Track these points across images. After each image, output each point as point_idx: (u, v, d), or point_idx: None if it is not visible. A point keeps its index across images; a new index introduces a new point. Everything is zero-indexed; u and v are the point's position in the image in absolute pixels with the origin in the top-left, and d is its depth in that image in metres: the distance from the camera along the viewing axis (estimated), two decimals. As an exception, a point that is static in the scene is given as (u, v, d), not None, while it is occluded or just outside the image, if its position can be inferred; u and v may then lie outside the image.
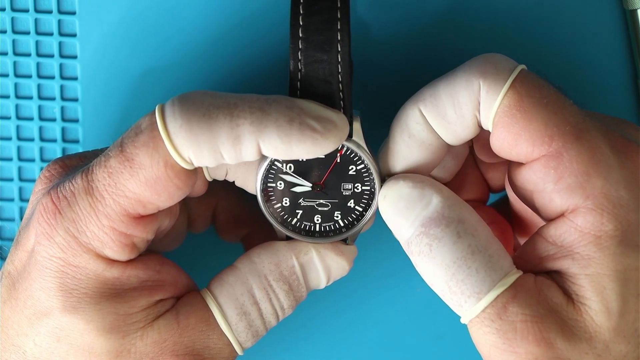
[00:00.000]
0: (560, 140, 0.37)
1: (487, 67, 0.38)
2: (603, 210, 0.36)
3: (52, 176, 0.41)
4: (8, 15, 0.47)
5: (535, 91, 0.37)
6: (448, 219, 0.37)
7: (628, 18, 0.46)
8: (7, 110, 0.48)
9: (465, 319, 0.38)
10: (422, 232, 0.38)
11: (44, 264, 0.38)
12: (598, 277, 0.36)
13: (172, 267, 0.41)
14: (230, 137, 0.37)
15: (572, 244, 0.37)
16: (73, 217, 0.38)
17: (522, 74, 0.38)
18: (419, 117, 0.39)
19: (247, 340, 0.40)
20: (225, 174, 0.41)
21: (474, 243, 0.37)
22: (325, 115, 0.38)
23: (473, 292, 0.37)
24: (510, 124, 0.37)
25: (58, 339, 0.38)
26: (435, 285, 0.38)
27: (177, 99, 0.38)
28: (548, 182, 0.37)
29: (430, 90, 0.39)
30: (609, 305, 0.36)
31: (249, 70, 0.47)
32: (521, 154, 0.38)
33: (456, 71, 0.39)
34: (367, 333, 0.50)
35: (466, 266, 0.37)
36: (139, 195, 0.38)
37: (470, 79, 0.38)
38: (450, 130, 0.39)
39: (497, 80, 0.37)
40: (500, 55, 0.39)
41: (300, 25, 0.38)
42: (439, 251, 0.37)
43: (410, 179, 0.39)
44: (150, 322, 0.39)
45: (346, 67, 0.39)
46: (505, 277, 0.37)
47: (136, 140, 0.38)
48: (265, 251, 0.41)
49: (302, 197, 0.41)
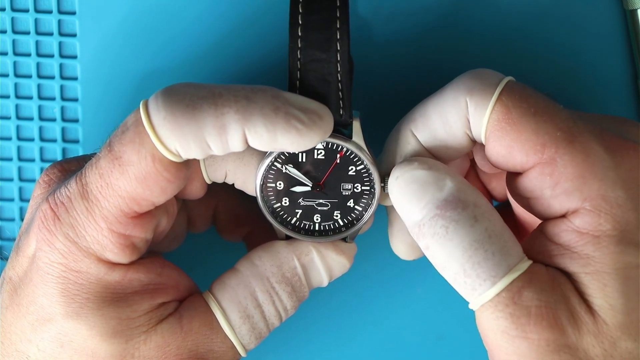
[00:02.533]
0: (553, 146, 0.37)
1: (473, 83, 0.38)
2: (600, 211, 0.36)
3: (51, 180, 0.41)
4: (8, 15, 0.47)
5: (522, 102, 0.37)
6: (465, 202, 0.37)
7: (628, 18, 0.46)
8: (7, 110, 0.48)
9: (476, 304, 0.37)
10: (437, 215, 0.37)
11: (46, 270, 0.38)
12: (598, 275, 0.36)
13: (174, 270, 0.41)
14: (215, 126, 0.37)
15: (570, 244, 0.37)
16: (71, 222, 0.38)
17: (508, 86, 0.38)
18: (411, 138, 0.39)
19: (250, 342, 0.41)
20: (225, 177, 0.41)
21: (491, 227, 0.37)
22: (310, 107, 0.38)
23: (489, 275, 0.36)
24: (502, 137, 0.37)
25: (61, 344, 0.38)
26: (448, 268, 0.37)
27: (160, 92, 0.38)
28: (545, 188, 0.37)
29: (420, 111, 0.39)
30: (612, 303, 0.36)
31: (249, 70, 0.46)
32: (517, 164, 0.38)
33: (444, 90, 0.39)
34: (367, 333, 0.50)
35: (483, 249, 0.36)
36: (132, 192, 0.38)
37: (457, 97, 0.38)
38: (443, 148, 0.39)
39: (483, 95, 0.38)
40: (486, 70, 0.39)
41: (299, 24, 0.38)
42: (456, 233, 0.37)
43: (425, 161, 0.39)
44: (153, 326, 0.39)
45: (345, 67, 0.39)
46: (520, 263, 0.37)
47: (123, 137, 0.38)
48: (266, 253, 0.41)
49: (302, 197, 0.41)
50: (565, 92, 0.41)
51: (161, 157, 0.37)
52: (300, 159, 0.40)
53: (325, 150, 0.40)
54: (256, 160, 0.40)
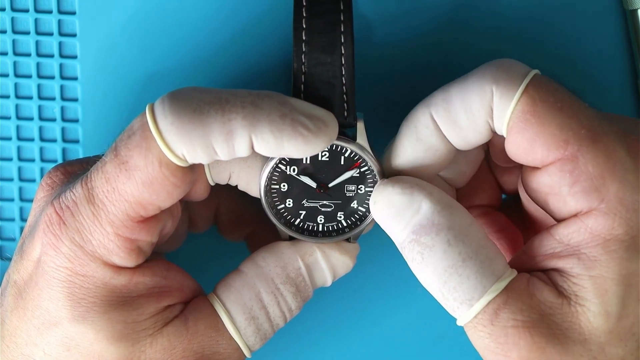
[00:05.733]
0: (576, 143, 0.36)
1: (499, 73, 0.38)
2: (615, 214, 0.36)
3: (54, 183, 0.41)
4: (8, 15, 0.47)
5: (549, 96, 0.37)
6: (438, 226, 0.37)
7: (628, 18, 0.46)
8: (7, 110, 0.48)
9: (460, 322, 0.38)
10: (413, 240, 0.38)
11: (51, 274, 0.38)
12: (602, 279, 0.36)
13: (179, 272, 0.41)
14: (222, 132, 0.37)
15: (579, 244, 0.37)
16: (77, 226, 0.38)
17: (535, 78, 0.38)
18: (429, 121, 0.39)
19: (255, 343, 0.41)
20: (228, 178, 0.41)
21: (465, 250, 0.37)
22: (316, 114, 0.38)
23: (465, 299, 0.37)
24: (525, 129, 0.37)
25: (68, 348, 0.39)
26: (429, 290, 0.38)
27: (167, 97, 0.37)
28: (563, 185, 0.37)
29: (443, 95, 0.39)
30: (609, 309, 0.36)
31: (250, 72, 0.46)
32: (537, 158, 0.38)
33: (468, 77, 0.38)
34: (367, 333, 0.50)
35: (457, 274, 0.37)
36: (138, 197, 0.38)
37: (483, 86, 0.38)
38: (461, 135, 0.39)
39: (510, 86, 0.37)
40: (513, 61, 0.39)
41: (303, 28, 0.38)
42: (430, 260, 0.37)
43: (399, 183, 0.39)
44: (159, 329, 0.39)
45: (350, 70, 0.39)
46: (498, 282, 0.37)
47: (129, 142, 0.38)
48: (270, 254, 0.41)
49: (306, 198, 0.41)
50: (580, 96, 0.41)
51: (168, 161, 0.37)
52: (305, 161, 0.40)
53: (330, 152, 0.40)
54: (260, 163, 0.40)
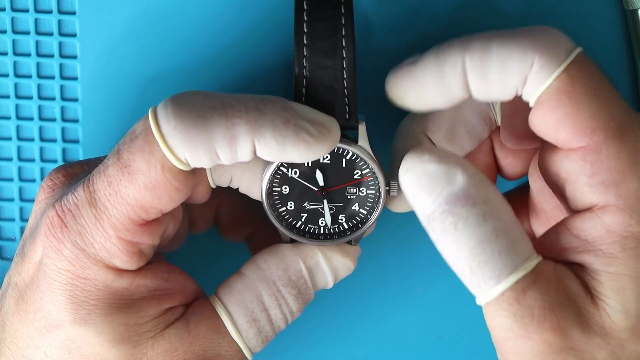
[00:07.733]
0: (603, 134, 0.36)
1: (545, 43, 0.37)
2: (633, 212, 0.36)
3: (55, 185, 0.41)
4: (8, 15, 0.46)
5: (588, 79, 0.36)
6: (474, 199, 0.36)
7: (628, 18, 0.46)
8: (7, 110, 0.48)
9: (482, 300, 0.37)
10: (446, 210, 0.37)
11: (53, 276, 0.38)
12: (619, 276, 0.36)
13: (180, 275, 0.41)
14: (226, 136, 0.37)
15: (596, 240, 0.37)
16: (79, 229, 0.38)
17: (578, 57, 0.37)
18: (459, 64, 0.38)
19: (257, 346, 0.41)
20: (230, 181, 0.41)
21: (499, 226, 0.36)
22: (319, 120, 0.38)
23: (494, 274, 0.36)
24: (556, 107, 0.36)
25: (69, 350, 0.39)
26: (455, 264, 0.37)
27: (170, 101, 0.37)
28: (582, 174, 0.36)
29: (482, 46, 0.37)
30: (627, 306, 0.36)
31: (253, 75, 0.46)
32: (559, 138, 0.37)
33: (512, 37, 0.37)
34: (367, 333, 0.50)
35: (490, 248, 0.36)
36: (140, 201, 0.38)
37: (526, 52, 0.36)
38: (485, 88, 0.38)
39: (552, 59, 0.36)
40: (559, 33, 0.38)
41: (304, 32, 0.38)
42: (463, 231, 0.36)
43: (436, 153, 0.38)
44: (160, 331, 0.39)
45: (351, 73, 0.39)
46: (527, 262, 0.37)
47: (132, 146, 0.38)
48: (272, 257, 0.41)
49: (307, 201, 0.41)
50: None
51: (170, 166, 0.37)
52: (307, 163, 0.40)
53: (331, 154, 0.40)
54: (261, 166, 0.40)
